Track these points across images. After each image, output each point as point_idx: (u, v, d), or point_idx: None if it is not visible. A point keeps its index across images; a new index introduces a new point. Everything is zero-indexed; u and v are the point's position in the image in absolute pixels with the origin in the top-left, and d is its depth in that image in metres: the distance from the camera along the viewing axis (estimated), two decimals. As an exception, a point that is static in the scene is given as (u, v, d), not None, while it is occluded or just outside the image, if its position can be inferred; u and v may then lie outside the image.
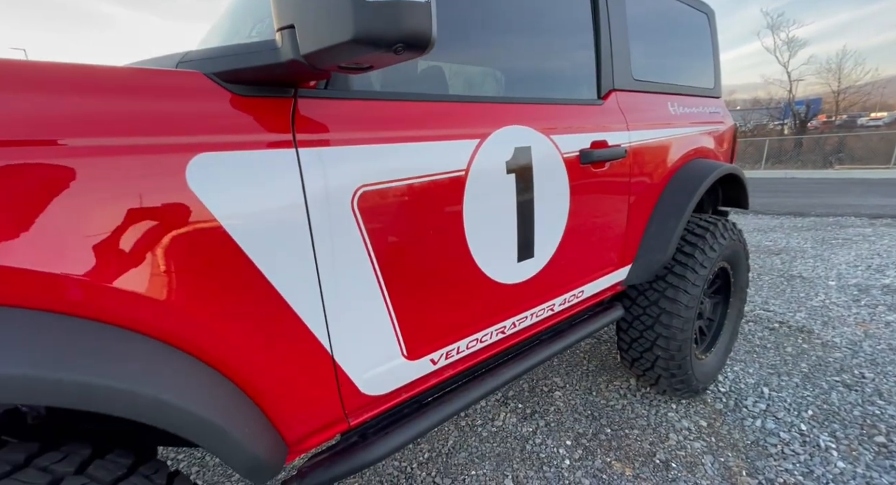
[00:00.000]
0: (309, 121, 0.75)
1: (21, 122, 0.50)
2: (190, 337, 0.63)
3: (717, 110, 2.03)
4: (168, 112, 0.60)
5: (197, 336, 0.64)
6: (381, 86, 1.05)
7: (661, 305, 1.64)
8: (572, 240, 1.27)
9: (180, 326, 0.61)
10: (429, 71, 1.13)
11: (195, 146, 0.62)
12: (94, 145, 0.53)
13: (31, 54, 5.14)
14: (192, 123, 0.62)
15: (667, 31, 1.75)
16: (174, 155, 0.59)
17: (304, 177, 0.72)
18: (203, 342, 0.64)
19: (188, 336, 0.63)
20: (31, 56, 1.76)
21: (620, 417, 1.84)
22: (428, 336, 0.98)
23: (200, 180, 0.62)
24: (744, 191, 1.99)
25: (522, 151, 1.08)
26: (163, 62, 0.78)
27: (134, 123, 0.57)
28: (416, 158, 0.88)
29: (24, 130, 0.50)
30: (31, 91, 0.52)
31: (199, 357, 0.65)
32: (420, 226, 0.90)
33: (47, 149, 0.51)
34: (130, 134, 0.56)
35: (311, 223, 0.74)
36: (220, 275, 0.64)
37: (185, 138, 0.61)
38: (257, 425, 0.70)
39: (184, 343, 0.62)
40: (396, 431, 0.99)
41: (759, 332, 2.58)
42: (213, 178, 0.63)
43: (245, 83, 0.70)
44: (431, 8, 0.59)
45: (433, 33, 0.60)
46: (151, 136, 0.58)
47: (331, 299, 0.79)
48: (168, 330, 0.61)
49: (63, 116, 0.53)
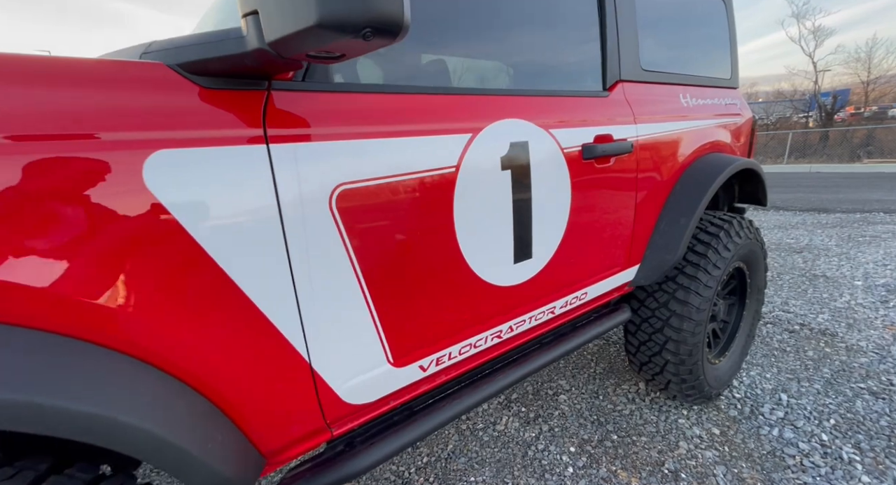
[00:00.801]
0: (283, 115, 0.71)
1: None
2: (149, 346, 0.59)
3: (735, 102, 1.92)
4: (121, 106, 0.56)
5: (157, 345, 0.60)
6: (369, 77, 1.00)
7: (670, 308, 1.56)
8: (574, 240, 1.20)
9: (137, 335, 0.58)
10: (421, 63, 1.07)
11: (153, 143, 0.57)
12: (33, 142, 0.50)
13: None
14: (149, 118, 0.58)
15: (680, 18, 1.65)
16: (128, 152, 0.55)
17: (275, 175, 0.68)
18: (165, 351, 0.61)
19: (147, 345, 0.59)
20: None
21: (628, 423, 1.77)
22: (416, 342, 0.93)
23: (159, 179, 0.58)
24: (762, 186, 1.88)
25: (519, 146, 1.02)
26: (129, 53, 0.74)
27: (80, 119, 0.53)
28: (402, 155, 0.82)
29: None
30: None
31: (161, 367, 0.61)
32: (406, 226, 0.85)
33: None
34: (77, 130, 0.52)
35: (284, 224, 0.69)
36: (181, 280, 0.60)
37: (142, 134, 0.57)
38: (226, 439, 0.66)
39: (142, 353, 0.59)
40: (385, 440, 0.95)
41: (778, 334, 2.47)
42: (173, 177, 0.59)
43: (213, 75, 0.66)
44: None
45: (405, 17, 0.55)
46: (102, 132, 0.54)
47: (307, 305, 0.74)
48: (123, 339, 0.57)
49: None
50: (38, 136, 0.50)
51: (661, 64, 1.54)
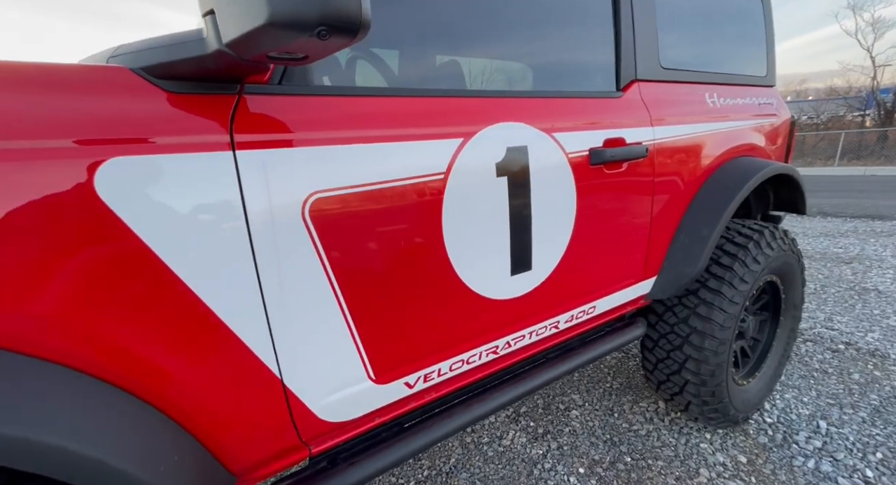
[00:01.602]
0: (254, 120, 0.68)
1: None
2: (102, 362, 0.57)
3: (770, 101, 1.78)
4: (74, 112, 0.54)
5: (111, 360, 0.58)
6: (367, 79, 0.96)
7: (691, 324, 1.45)
8: (580, 250, 1.12)
9: (89, 350, 0.56)
10: (414, 63, 1.03)
11: (106, 150, 0.55)
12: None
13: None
14: (103, 125, 0.56)
15: (707, 13, 1.53)
16: (78, 160, 0.53)
17: (242, 183, 0.65)
18: (120, 367, 0.59)
19: (99, 361, 0.57)
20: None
21: (644, 444, 1.65)
22: (400, 358, 0.88)
23: (112, 189, 0.55)
24: (799, 193, 1.73)
25: (516, 151, 0.95)
26: (99, 58, 0.73)
27: (26, 125, 0.51)
28: (384, 161, 0.78)
29: None
30: None
31: (116, 384, 0.59)
32: (388, 236, 0.80)
33: None
34: (22, 137, 0.51)
35: (251, 235, 0.66)
36: (132, 290, 0.58)
37: (90, 139, 0.55)
38: (185, 458, 0.63)
39: (93, 368, 0.57)
40: (369, 458, 0.90)
41: (820, 353, 2.27)
42: (128, 186, 0.56)
43: (180, 79, 0.63)
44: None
45: (364, 14, 0.50)
46: (50, 139, 0.52)
47: (278, 319, 0.71)
48: (74, 355, 0.55)
49: None
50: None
51: (684, 62, 1.43)
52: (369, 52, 1.14)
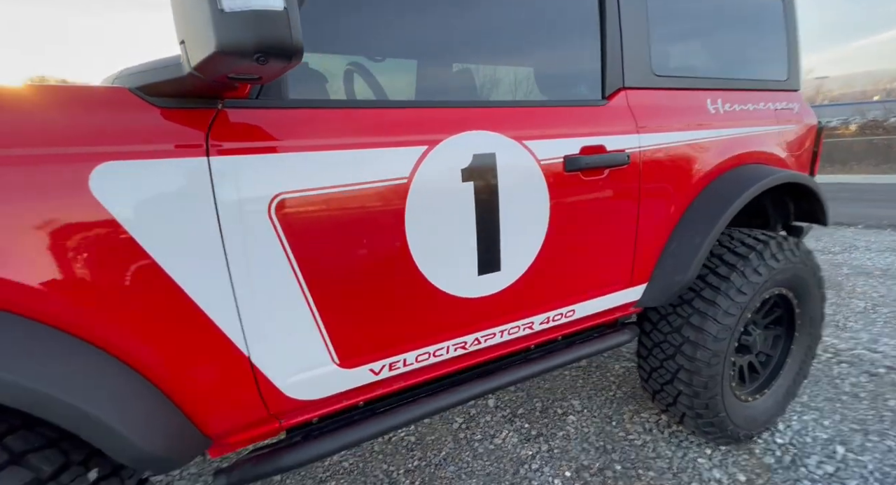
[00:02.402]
0: (229, 129, 0.78)
1: None
2: (95, 330, 0.69)
3: (791, 106, 1.69)
4: (75, 125, 0.67)
5: (102, 330, 0.70)
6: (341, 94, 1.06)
7: (683, 333, 1.42)
8: (555, 253, 1.15)
9: (78, 317, 0.68)
10: (396, 74, 1.11)
11: (100, 155, 0.68)
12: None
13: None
14: (98, 134, 0.68)
15: (714, 15, 1.50)
16: (76, 164, 0.66)
17: (214, 183, 0.76)
18: (109, 336, 0.71)
19: (93, 330, 0.69)
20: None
21: (637, 454, 1.63)
22: (364, 346, 0.96)
23: (104, 188, 0.68)
24: (818, 203, 1.63)
25: (483, 158, 1.01)
26: (109, 79, 0.87)
27: (33, 136, 0.64)
28: (347, 167, 0.87)
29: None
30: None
31: (106, 350, 0.71)
32: (351, 234, 0.88)
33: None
34: (32, 145, 0.64)
35: (221, 228, 0.77)
36: (121, 273, 0.70)
37: (90, 148, 0.67)
38: (159, 417, 0.75)
39: (88, 335, 0.69)
40: (332, 436, 0.99)
41: (854, 376, 2.11)
42: (117, 185, 0.69)
43: (168, 96, 0.75)
44: (290, 16, 0.58)
45: (295, 42, 0.60)
46: (52, 147, 0.65)
47: (245, 304, 0.81)
48: (72, 323, 0.68)
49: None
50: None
51: (683, 68, 1.41)
52: (361, 67, 1.24)
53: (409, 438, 1.76)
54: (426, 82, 1.16)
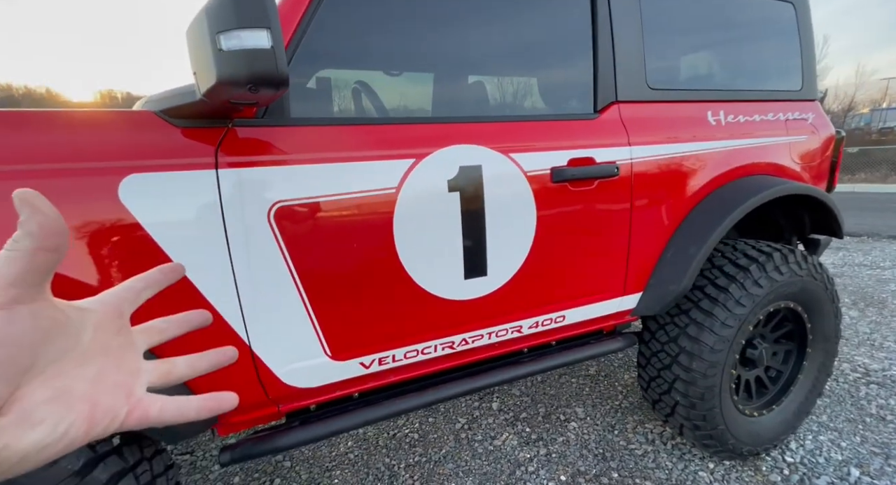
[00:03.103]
0: (236, 145, 0.90)
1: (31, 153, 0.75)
2: None
3: (805, 116, 1.66)
4: (107, 142, 0.81)
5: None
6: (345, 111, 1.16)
7: (680, 343, 1.42)
8: (542, 260, 1.20)
9: None
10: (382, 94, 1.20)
11: (127, 169, 0.81)
12: (36, 170, 0.75)
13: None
14: (125, 151, 0.81)
15: (716, 23, 1.51)
16: (107, 177, 0.79)
17: (221, 192, 0.87)
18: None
19: None
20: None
21: (637, 464, 1.63)
22: (354, 341, 1.05)
23: (131, 196, 0.81)
24: (832, 215, 1.58)
25: (469, 170, 1.08)
26: (140, 104, 1.01)
27: (77, 152, 0.78)
28: (339, 177, 0.96)
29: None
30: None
31: None
32: (341, 238, 0.98)
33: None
34: (76, 160, 0.77)
35: (227, 231, 0.88)
36: (141, 267, 0.82)
37: (118, 163, 0.80)
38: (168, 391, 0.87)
39: None
40: (325, 423, 1.09)
41: (882, 398, 2.00)
42: (141, 194, 0.81)
43: (187, 117, 0.88)
44: (276, 53, 0.69)
45: (281, 74, 0.70)
46: (91, 161, 0.78)
47: (247, 297, 0.92)
48: None
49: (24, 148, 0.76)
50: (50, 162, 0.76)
51: (681, 79, 1.43)
52: (364, 85, 1.35)
53: (412, 434, 1.84)
54: (416, 97, 1.25)
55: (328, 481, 1.61)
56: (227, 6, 0.68)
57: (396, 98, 1.46)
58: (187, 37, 0.79)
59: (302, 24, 0.95)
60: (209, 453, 1.81)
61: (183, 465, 1.74)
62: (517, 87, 1.25)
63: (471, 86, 1.53)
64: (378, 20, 1.08)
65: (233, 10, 0.68)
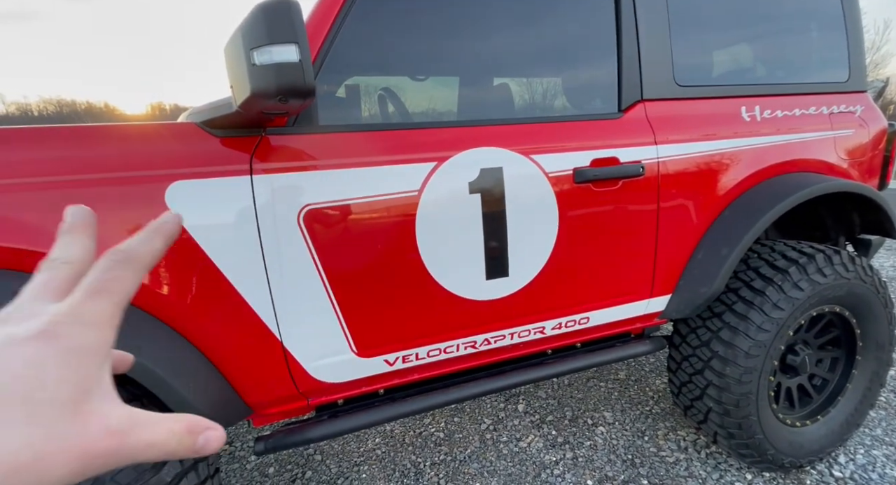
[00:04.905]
0: (269, 153, 0.96)
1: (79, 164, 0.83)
2: (166, 314, 0.90)
3: (852, 109, 1.56)
4: (155, 152, 0.88)
5: (171, 315, 0.90)
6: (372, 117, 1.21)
7: (712, 348, 1.38)
8: (565, 260, 1.20)
9: (155, 303, 0.88)
10: (408, 99, 1.24)
11: (173, 176, 0.88)
12: (95, 179, 0.83)
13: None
14: (171, 160, 0.89)
15: (751, 13, 1.45)
16: (155, 184, 0.87)
17: (255, 197, 0.93)
18: (175, 319, 0.91)
19: (173, 318, 0.90)
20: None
21: (668, 471, 1.58)
22: (379, 339, 1.09)
23: (176, 200, 0.88)
24: (883, 214, 1.48)
25: (490, 172, 1.10)
26: (184, 116, 1.09)
27: (130, 162, 0.86)
28: (365, 181, 1.01)
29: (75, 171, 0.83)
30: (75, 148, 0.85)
31: (174, 328, 0.91)
32: (366, 239, 1.02)
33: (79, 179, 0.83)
34: (130, 169, 0.85)
35: (260, 233, 0.94)
36: (187, 269, 0.90)
37: (165, 171, 0.88)
38: (210, 384, 0.94)
39: (169, 321, 0.90)
40: (352, 417, 1.13)
41: (947, 412, 1.84)
42: (185, 198, 0.89)
43: (225, 128, 0.95)
44: (304, 66, 0.74)
45: (308, 85, 0.75)
46: (142, 170, 0.86)
47: (279, 296, 0.98)
48: (149, 307, 0.88)
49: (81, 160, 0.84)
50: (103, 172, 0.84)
51: (712, 75, 1.39)
52: (389, 91, 1.39)
53: (438, 433, 1.87)
54: (442, 101, 1.28)
55: (356, 475, 1.66)
56: (259, 23, 0.73)
57: (422, 102, 1.50)
58: (225, 53, 0.86)
59: (329, 36, 1.00)
60: (246, 444, 1.91)
61: (222, 454, 1.84)
62: (541, 89, 1.26)
63: (495, 88, 1.54)
64: (404, 28, 1.12)
65: (264, 27, 0.73)
